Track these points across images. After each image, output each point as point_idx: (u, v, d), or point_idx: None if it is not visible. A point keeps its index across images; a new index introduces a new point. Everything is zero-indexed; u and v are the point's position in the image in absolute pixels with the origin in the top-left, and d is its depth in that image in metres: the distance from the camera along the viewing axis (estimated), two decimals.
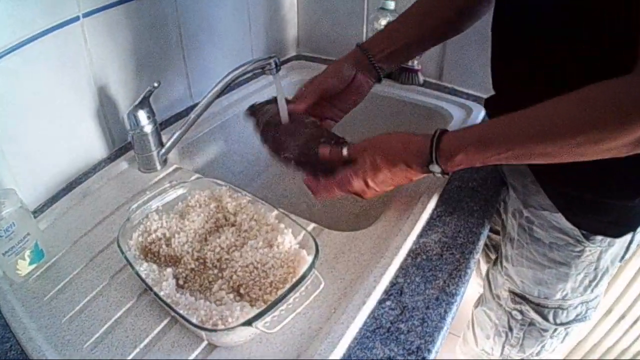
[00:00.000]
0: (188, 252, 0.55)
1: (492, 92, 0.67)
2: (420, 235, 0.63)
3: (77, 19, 0.67)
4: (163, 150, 0.76)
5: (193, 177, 0.74)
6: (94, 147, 0.78)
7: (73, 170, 0.75)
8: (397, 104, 1.00)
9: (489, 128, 0.51)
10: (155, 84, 0.70)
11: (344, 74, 0.68)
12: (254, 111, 0.71)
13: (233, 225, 0.61)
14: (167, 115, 0.92)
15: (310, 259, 0.51)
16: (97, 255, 0.60)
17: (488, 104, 0.70)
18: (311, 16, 1.16)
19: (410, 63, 1.01)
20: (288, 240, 0.55)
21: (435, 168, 0.54)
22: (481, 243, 0.63)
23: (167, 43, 0.85)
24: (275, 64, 0.69)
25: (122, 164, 0.77)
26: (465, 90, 1.01)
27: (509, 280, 0.75)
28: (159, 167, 0.77)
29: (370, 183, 0.58)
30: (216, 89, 0.70)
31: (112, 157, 0.80)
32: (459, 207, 0.68)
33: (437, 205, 0.68)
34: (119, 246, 0.52)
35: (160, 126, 0.86)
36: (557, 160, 0.47)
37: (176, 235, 0.57)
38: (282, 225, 0.56)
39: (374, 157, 0.56)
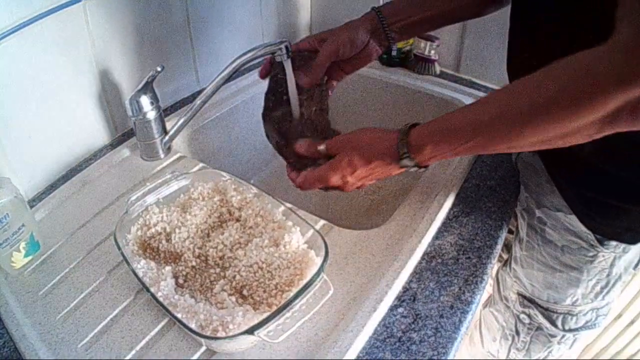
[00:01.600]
0: (189, 249, 0.52)
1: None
2: (436, 237, 0.59)
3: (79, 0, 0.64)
4: (167, 138, 0.73)
5: (197, 167, 0.70)
6: (95, 133, 0.75)
7: (72, 157, 0.72)
8: (413, 94, 0.96)
9: (454, 116, 0.48)
10: (159, 68, 0.66)
11: (358, 41, 0.64)
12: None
13: (238, 220, 0.57)
14: (172, 100, 0.88)
15: (318, 261, 0.48)
16: (95, 248, 0.57)
17: None
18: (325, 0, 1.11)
19: (427, 52, 0.96)
20: (295, 239, 0.51)
21: (407, 162, 0.50)
22: (499, 247, 0.60)
23: (173, 25, 0.81)
24: (287, 48, 0.64)
25: (124, 151, 0.74)
26: (483, 83, 0.96)
27: (518, 282, 0.72)
28: (162, 155, 0.74)
29: (349, 179, 0.55)
30: (223, 74, 0.66)
31: (114, 144, 0.77)
32: (477, 207, 0.64)
33: (453, 205, 0.65)
34: (115, 241, 0.49)
35: (165, 112, 0.83)
36: (525, 145, 0.44)
37: (177, 230, 0.54)
38: (289, 223, 0.53)
39: (350, 155, 0.53)
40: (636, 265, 0.63)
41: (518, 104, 0.42)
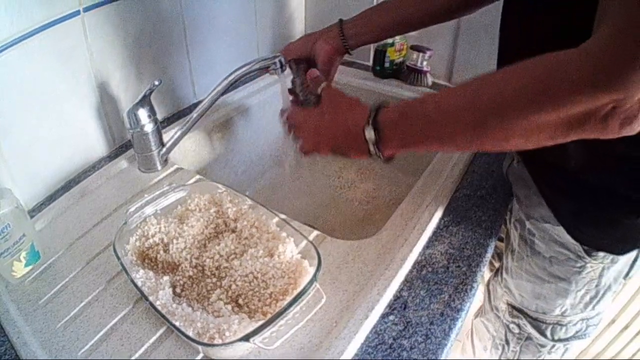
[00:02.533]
0: (186, 259, 0.54)
1: None
2: (427, 246, 0.61)
3: (77, 13, 0.66)
4: (164, 150, 0.75)
5: (193, 179, 0.72)
6: (94, 144, 0.77)
7: (72, 168, 0.74)
8: None
9: (424, 102, 0.48)
10: (157, 82, 0.68)
11: (309, 47, 0.73)
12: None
13: (233, 231, 0.59)
14: (170, 112, 0.90)
15: (312, 270, 0.50)
16: (94, 258, 0.59)
17: None
18: (319, 11, 1.14)
19: (419, 64, 0.98)
20: (290, 249, 0.53)
21: (371, 134, 0.51)
22: (488, 255, 0.61)
23: (170, 39, 0.83)
24: (281, 63, 0.67)
25: (122, 163, 0.76)
26: None
27: (508, 292, 0.73)
28: (159, 167, 0.75)
29: (310, 123, 0.59)
30: (219, 88, 0.69)
31: (112, 156, 0.79)
32: (467, 217, 0.66)
33: (444, 215, 0.66)
34: (115, 251, 0.51)
35: (162, 124, 0.84)
36: (489, 141, 0.44)
37: (174, 241, 0.55)
38: (283, 234, 0.55)
39: (327, 107, 0.58)
40: (626, 275, 0.64)
41: (486, 92, 0.42)
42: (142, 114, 0.69)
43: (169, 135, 0.75)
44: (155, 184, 0.72)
